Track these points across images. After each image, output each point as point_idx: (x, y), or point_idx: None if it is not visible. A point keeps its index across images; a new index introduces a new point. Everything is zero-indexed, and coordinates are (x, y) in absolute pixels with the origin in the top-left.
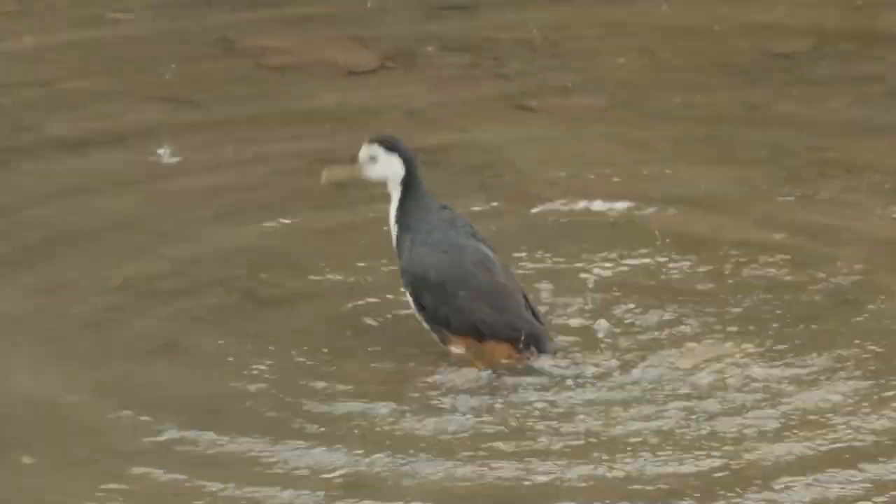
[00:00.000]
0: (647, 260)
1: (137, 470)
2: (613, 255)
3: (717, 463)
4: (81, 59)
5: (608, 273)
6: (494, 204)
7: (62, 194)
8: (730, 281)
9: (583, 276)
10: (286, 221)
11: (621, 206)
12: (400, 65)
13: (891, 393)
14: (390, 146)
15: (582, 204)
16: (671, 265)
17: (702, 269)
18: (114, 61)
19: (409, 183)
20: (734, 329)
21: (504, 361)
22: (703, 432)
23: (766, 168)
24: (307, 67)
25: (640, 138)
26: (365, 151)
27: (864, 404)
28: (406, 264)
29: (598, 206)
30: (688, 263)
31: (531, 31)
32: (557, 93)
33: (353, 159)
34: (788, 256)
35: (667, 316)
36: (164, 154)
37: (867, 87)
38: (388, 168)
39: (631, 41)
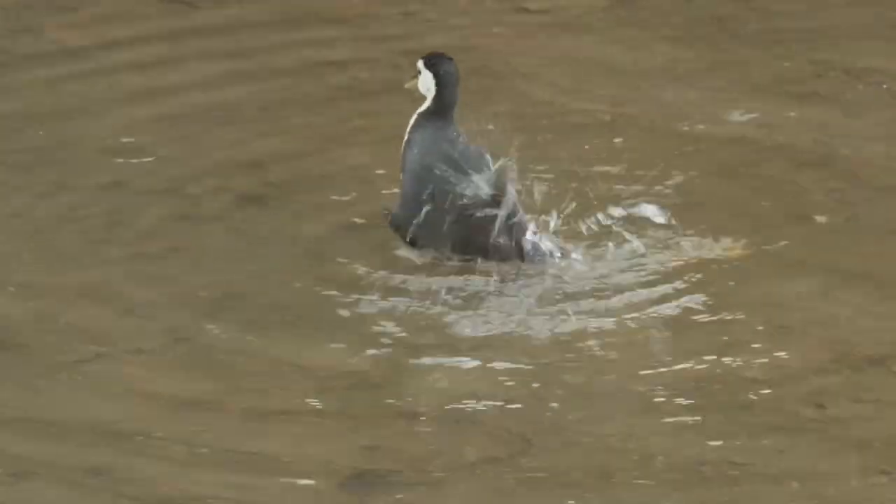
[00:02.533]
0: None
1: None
2: (611, 156)
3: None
4: None
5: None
6: (493, 107)
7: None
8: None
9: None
10: (288, 125)
11: (618, 109)
12: None
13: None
14: (428, 63)
15: (580, 106)
16: (668, 167)
17: (695, 170)
18: None
19: (437, 102)
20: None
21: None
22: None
23: (764, 67)
24: None
25: (638, 39)
26: (418, 65)
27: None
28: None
29: (595, 107)
30: (682, 163)
31: None
32: None
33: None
34: (786, 154)
35: (662, 211)
36: None
37: None
38: (424, 83)
39: None
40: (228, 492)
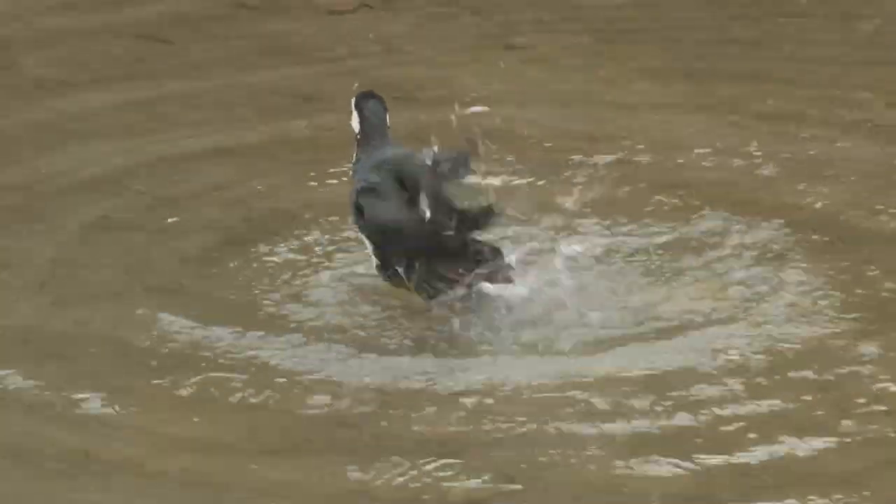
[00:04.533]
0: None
1: None
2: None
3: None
4: None
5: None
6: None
7: (43, 134)
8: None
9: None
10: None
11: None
12: (379, 3)
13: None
14: (356, 102)
15: (565, 142)
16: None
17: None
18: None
19: (362, 136)
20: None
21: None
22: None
23: (748, 102)
24: (287, 6)
25: (621, 74)
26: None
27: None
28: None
29: (576, 143)
30: (676, 198)
31: None
32: (538, 29)
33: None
34: (776, 188)
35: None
36: None
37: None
38: (354, 121)
39: None
40: None
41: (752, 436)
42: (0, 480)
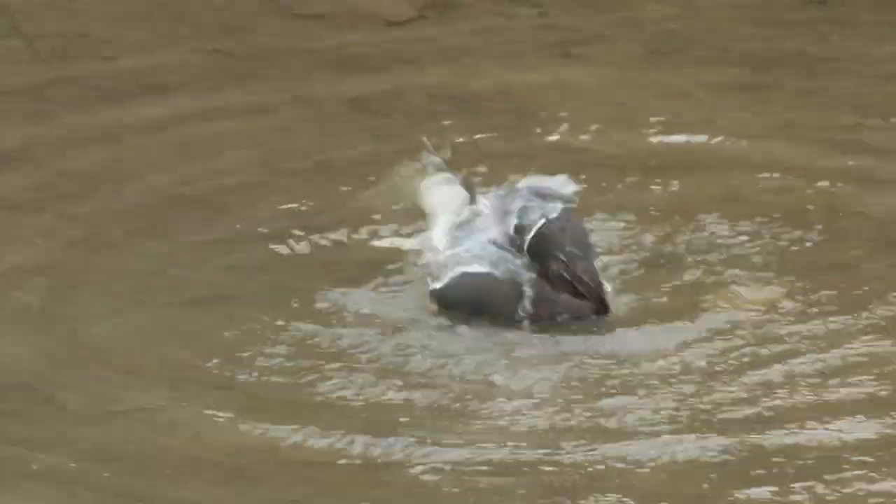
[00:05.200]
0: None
1: None
2: (655, 197)
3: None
4: (115, 6)
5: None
6: (534, 150)
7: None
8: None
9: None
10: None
11: (669, 141)
12: (438, 14)
13: None
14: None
15: (621, 149)
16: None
17: (740, 216)
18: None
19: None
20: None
21: None
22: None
23: (807, 113)
24: (344, 18)
25: (679, 85)
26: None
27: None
28: None
29: (639, 147)
30: (725, 209)
31: None
32: (597, 40)
33: None
34: (829, 202)
35: (708, 258)
36: None
37: None
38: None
39: None
40: None
41: None
42: None
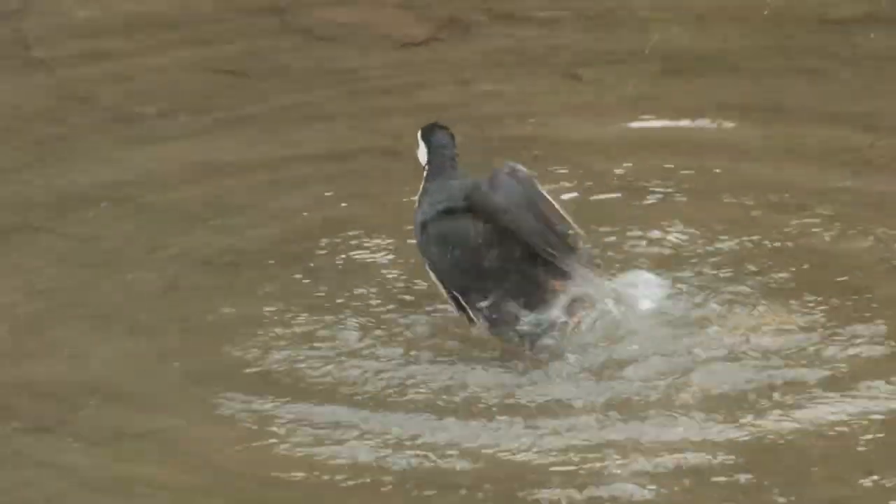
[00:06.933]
0: (696, 230)
1: None
2: (663, 225)
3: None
4: (134, 31)
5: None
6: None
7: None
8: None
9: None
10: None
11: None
12: (451, 36)
13: None
14: (422, 133)
15: (631, 177)
16: (721, 233)
17: (749, 236)
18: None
19: (431, 169)
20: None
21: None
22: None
23: (818, 139)
24: (358, 40)
25: (690, 108)
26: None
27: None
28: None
29: (647, 178)
30: (735, 231)
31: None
32: (608, 62)
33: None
34: (838, 223)
35: (715, 283)
36: None
37: None
38: (420, 153)
39: (684, 14)
40: None
41: None
42: None
